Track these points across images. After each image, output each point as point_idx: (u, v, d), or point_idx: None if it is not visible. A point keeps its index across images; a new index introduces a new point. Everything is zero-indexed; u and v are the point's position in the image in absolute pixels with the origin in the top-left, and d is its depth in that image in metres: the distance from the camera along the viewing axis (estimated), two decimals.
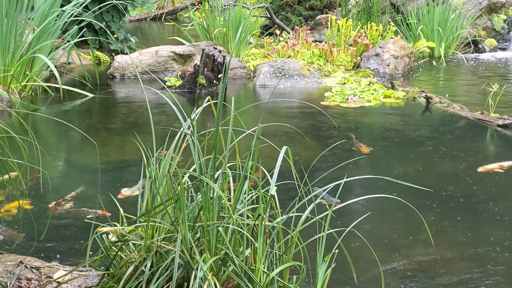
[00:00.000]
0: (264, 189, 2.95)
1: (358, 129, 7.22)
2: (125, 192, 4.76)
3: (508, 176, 5.52)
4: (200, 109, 3.00)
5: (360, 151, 5.89)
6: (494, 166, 5.66)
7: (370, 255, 3.42)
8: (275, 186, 2.92)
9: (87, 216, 4.36)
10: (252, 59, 10.70)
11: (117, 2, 8.82)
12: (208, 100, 2.96)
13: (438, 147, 6.43)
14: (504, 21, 12.98)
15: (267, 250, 3.03)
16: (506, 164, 5.69)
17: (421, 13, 11.87)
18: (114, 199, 3.56)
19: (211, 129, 2.84)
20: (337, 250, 3.01)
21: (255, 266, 2.97)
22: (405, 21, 12.14)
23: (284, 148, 2.86)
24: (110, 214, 3.86)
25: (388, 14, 12.51)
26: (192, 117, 2.91)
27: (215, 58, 8.75)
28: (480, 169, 5.60)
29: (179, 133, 3.08)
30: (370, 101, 8.23)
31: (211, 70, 8.76)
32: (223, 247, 2.98)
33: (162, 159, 3.10)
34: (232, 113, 2.82)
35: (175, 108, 2.91)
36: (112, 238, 3.32)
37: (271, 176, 2.97)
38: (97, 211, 4.27)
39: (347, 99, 8.23)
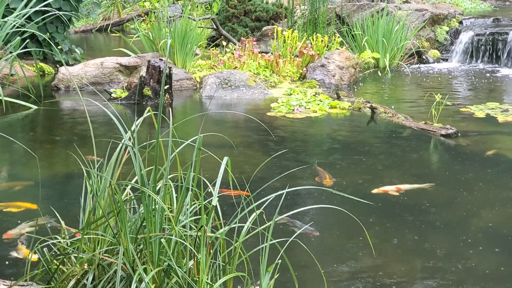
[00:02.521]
0: (207, 200, 2.94)
1: (303, 139, 7.26)
2: (12, 231, 4.41)
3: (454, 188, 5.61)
4: (140, 120, 2.98)
5: (322, 183, 5.61)
6: (390, 189, 5.38)
7: (315, 264, 3.44)
8: (217, 197, 2.91)
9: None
10: (198, 70, 10.69)
11: (60, 13, 8.74)
12: (149, 111, 2.95)
13: (383, 157, 6.49)
14: (447, 32, 13.21)
15: (211, 261, 3.03)
16: (403, 187, 5.45)
17: (366, 25, 12.00)
18: (55, 212, 3.51)
19: (153, 141, 2.83)
20: (280, 261, 3.01)
21: (199, 277, 2.96)
22: (351, 32, 12.26)
23: (225, 159, 2.86)
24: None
25: (333, 25, 12.63)
26: (132, 129, 2.89)
27: (161, 69, 8.71)
28: (375, 191, 5.36)
29: (120, 145, 3.06)
30: (316, 112, 8.28)
31: (157, 82, 8.73)
32: (166, 259, 2.97)
33: (103, 171, 3.07)
34: (171, 125, 2.82)
35: (116, 120, 2.89)
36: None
37: (213, 186, 2.96)
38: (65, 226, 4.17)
39: (293, 109, 8.27)
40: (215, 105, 8.86)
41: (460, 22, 13.57)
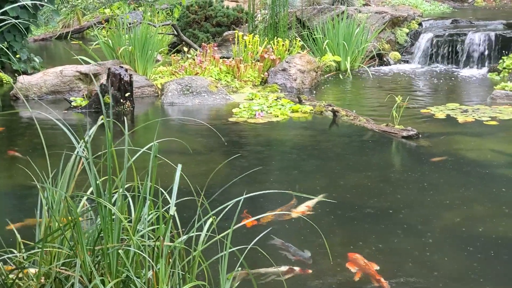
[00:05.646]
0: (164, 208, 2.91)
1: (264, 144, 7.24)
2: None
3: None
4: (93, 129, 2.94)
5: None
6: (304, 209, 5.01)
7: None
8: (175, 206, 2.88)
9: None
10: (160, 77, 10.64)
11: (18, 21, 8.63)
12: (102, 119, 2.90)
13: (343, 161, 6.50)
14: (407, 34, 13.32)
15: (170, 270, 2.99)
16: (311, 203, 5.13)
17: (326, 28, 12.04)
18: (12, 225, 3.44)
19: (105, 151, 2.78)
20: (240, 268, 2.99)
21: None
22: (311, 36, 12.30)
23: (179, 166, 2.83)
24: None
25: (294, 29, 12.65)
26: (86, 139, 2.85)
27: (122, 77, 8.65)
28: (293, 214, 4.93)
29: (73, 155, 3.01)
30: (278, 116, 8.27)
31: (118, 89, 8.65)
32: (124, 270, 2.92)
33: (58, 182, 3.02)
34: (126, 133, 2.78)
35: (67, 131, 2.84)
36: None
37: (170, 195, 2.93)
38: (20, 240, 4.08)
39: (255, 114, 8.25)
40: (177, 112, 8.82)
41: (420, 24, 13.71)
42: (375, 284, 3.85)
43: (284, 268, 3.95)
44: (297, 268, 3.99)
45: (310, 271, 4.00)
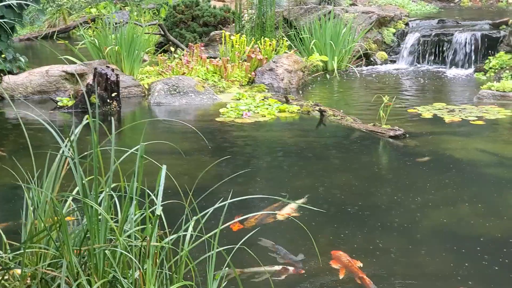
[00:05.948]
0: (151, 209, 2.89)
1: (252, 144, 7.23)
2: None
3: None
4: (78, 129, 2.91)
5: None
6: (289, 211, 4.95)
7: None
8: (161, 206, 2.86)
9: None
10: (146, 77, 10.60)
11: (3, 20, 8.58)
12: (87, 119, 2.88)
13: (330, 161, 6.49)
14: (394, 34, 13.34)
15: (157, 271, 2.97)
16: (294, 205, 5.07)
17: (313, 28, 12.04)
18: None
19: (91, 151, 2.76)
20: (227, 268, 2.97)
21: None
22: (298, 35, 12.29)
23: (164, 167, 2.81)
24: None
25: (281, 29, 12.64)
26: (72, 139, 2.82)
27: (108, 76, 8.61)
28: (279, 217, 4.89)
29: (58, 155, 2.99)
30: (265, 116, 8.26)
31: (105, 89, 8.62)
32: (111, 270, 2.90)
33: (44, 183, 2.99)
34: (113, 134, 2.76)
35: (52, 131, 2.82)
36: None
37: (156, 195, 2.90)
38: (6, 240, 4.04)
39: (242, 114, 8.24)
40: (164, 112, 8.79)
41: (406, 24, 13.74)
42: (357, 281, 3.85)
43: (277, 267, 3.95)
44: (290, 268, 3.98)
45: (303, 271, 3.99)
